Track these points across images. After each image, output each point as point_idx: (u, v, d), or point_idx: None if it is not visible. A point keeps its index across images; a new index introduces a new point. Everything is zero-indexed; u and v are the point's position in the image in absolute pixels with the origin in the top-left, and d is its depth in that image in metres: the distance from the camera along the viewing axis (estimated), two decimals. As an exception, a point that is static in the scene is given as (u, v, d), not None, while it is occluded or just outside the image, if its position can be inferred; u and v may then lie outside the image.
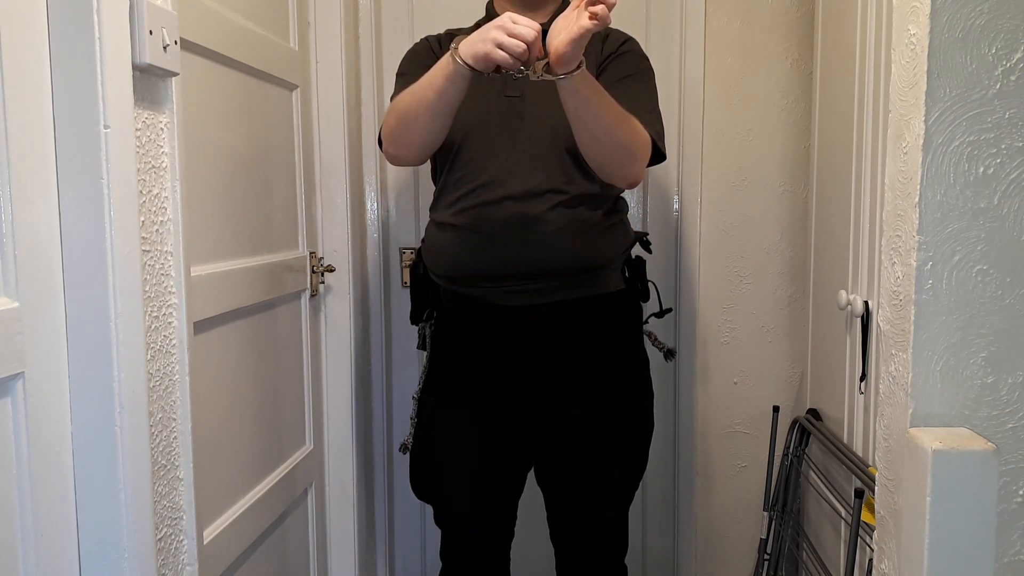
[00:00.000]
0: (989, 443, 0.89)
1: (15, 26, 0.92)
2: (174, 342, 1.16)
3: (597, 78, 1.46)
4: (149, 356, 1.08)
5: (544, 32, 1.58)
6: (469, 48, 1.23)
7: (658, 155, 1.45)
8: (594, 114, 1.29)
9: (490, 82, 1.48)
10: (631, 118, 1.36)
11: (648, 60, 1.54)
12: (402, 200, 2.15)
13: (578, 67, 1.21)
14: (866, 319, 1.48)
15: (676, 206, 2.10)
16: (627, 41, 1.54)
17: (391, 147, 1.45)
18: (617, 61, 1.50)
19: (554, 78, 1.23)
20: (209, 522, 1.36)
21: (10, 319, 0.91)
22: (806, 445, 1.84)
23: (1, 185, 0.90)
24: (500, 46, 1.19)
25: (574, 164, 1.44)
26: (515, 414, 1.50)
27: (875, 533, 1.04)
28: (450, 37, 1.59)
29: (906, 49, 0.92)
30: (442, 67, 1.28)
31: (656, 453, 1.62)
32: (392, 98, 1.52)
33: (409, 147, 1.42)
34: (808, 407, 1.91)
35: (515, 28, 1.18)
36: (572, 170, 1.44)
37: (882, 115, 1.40)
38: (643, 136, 1.39)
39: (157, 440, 1.11)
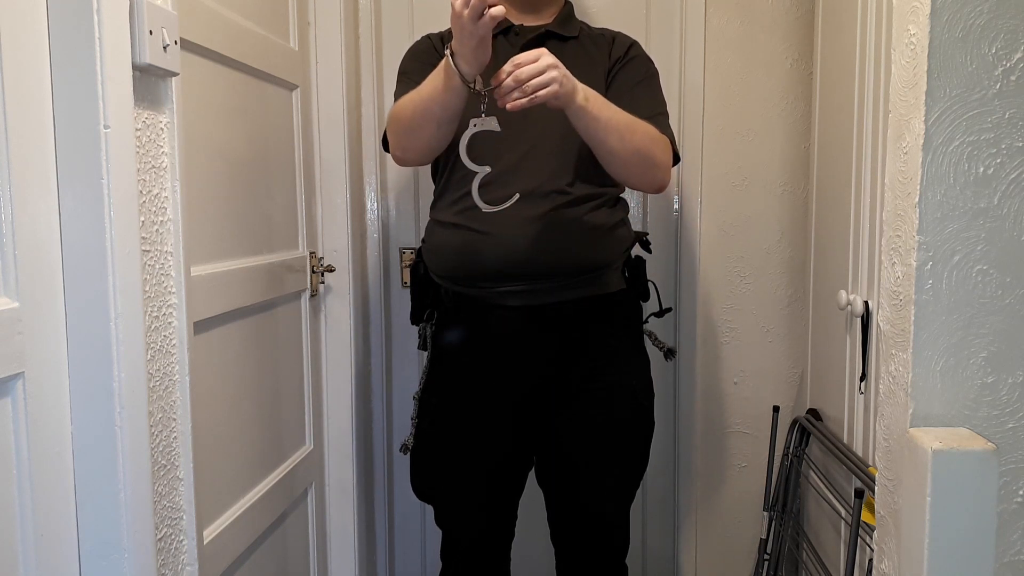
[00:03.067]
0: (989, 443, 0.89)
1: (15, 26, 0.92)
2: (174, 342, 1.16)
3: (608, 86, 1.48)
4: (149, 356, 1.08)
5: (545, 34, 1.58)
6: (459, 47, 1.24)
7: (673, 157, 1.49)
8: (603, 130, 1.33)
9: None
10: (645, 125, 1.40)
11: (653, 63, 1.56)
12: (402, 200, 2.15)
13: (573, 94, 1.25)
14: (866, 319, 1.48)
15: (676, 206, 2.10)
16: (632, 45, 1.56)
17: (398, 151, 1.47)
18: (625, 69, 1.52)
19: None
20: (209, 522, 1.36)
21: (10, 319, 0.91)
22: (806, 445, 1.84)
23: (1, 185, 0.90)
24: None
25: (577, 164, 1.45)
26: (516, 414, 1.50)
27: (875, 533, 1.04)
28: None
29: (906, 49, 0.93)
30: (441, 77, 1.29)
31: (656, 453, 1.62)
32: (395, 96, 1.53)
33: (417, 152, 1.45)
34: (808, 407, 1.91)
35: None
36: (575, 170, 1.44)
37: (882, 115, 1.41)
38: (661, 140, 1.43)
39: (157, 440, 1.11)
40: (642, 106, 1.46)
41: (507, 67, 1.23)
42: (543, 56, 1.23)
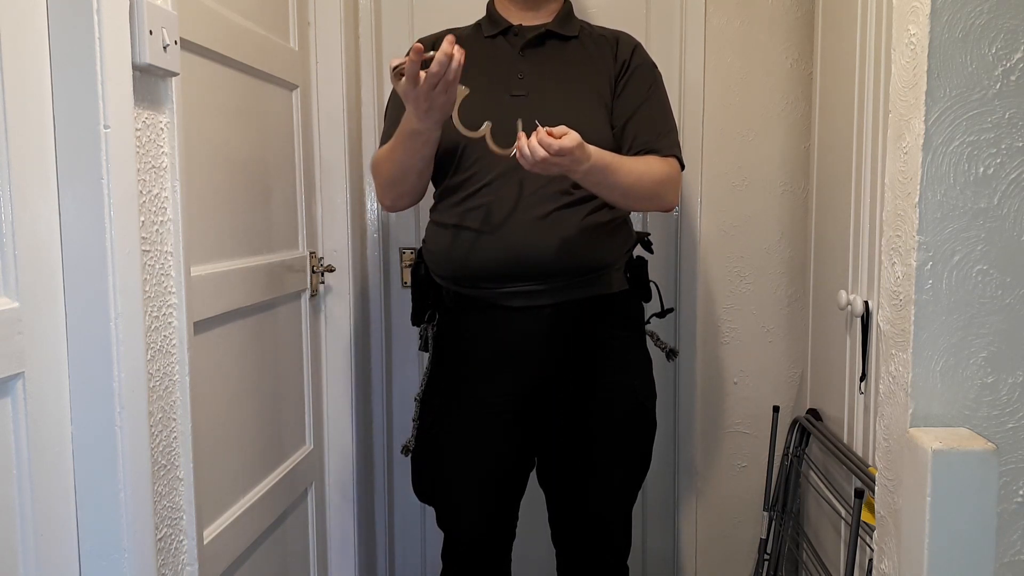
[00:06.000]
0: (989, 443, 0.89)
1: (15, 26, 0.92)
2: (174, 342, 1.16)
3: (615, 99, 1.51)
4: (149, 356, 1.08)
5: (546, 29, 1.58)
6: (409, 112, 1.32)
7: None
8: (609, 188, 1.37)
9: (495, 82, 1.49)
10: (649, 166, 1.42)
11: (657, 68, 1.56)
12: (402, 200, 2.15)
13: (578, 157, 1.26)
14: (866, 319, 1.48)
15: (676, 206, 2.09)
16: (636, 48, 1.56)
17: (388, 203, 1.55)
18: (631, 81, 1.52)
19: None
20: (209, 522, 1.36)
21: (10, 319, 0.91)
22: (806, 445, 1.84)
23: (1, 185, 0.90)
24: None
25: None
26: (517, 415, 1.50)
27: (875, 533, 1.04)
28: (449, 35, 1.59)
29: (906, 49, 0.93)
30: (405, 127, 1.36)
31: (656, 453, 1.62)
32: (386, 109, 1.58)
33: (407, 197, 1.52)
34: (808, 407, 1.91)
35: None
36: None
37: (882, 115, 1.41)
38: (668, 173, 1.46)
39: (157, 440, 1.11)
40: (649, 127, 1.48)
41: (537, 140, 1.22)
42: (568, 146, 1.22)
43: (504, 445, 1.51)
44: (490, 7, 1.60)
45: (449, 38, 1.22)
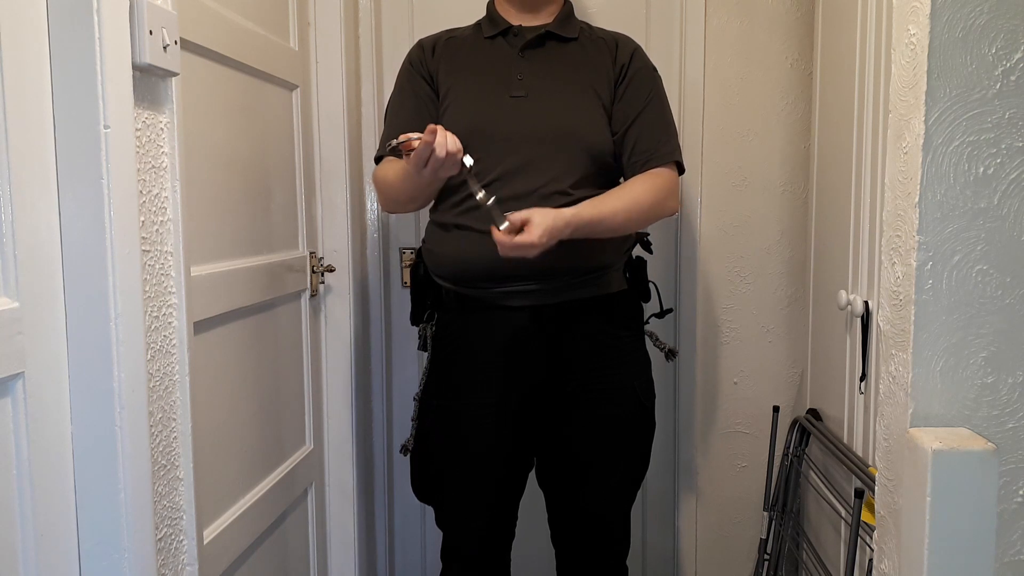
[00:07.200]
0: (989, 443, 0.89)
1: (15, 26, 0.92)
2: (174, 342, 1.16)
3: (615, 103, 1.51)
4: (149, 356, 1.08)
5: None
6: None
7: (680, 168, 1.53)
8: (601, 234, 1.41)
9: (495, 83, 1.49)
10: (635, 197, 1.45)
11: (656, 71, 1.56)
12: (402, 200, 2.15)
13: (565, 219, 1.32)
14: (866, 319, 1.48)
15: (678, 210, 2.09)
16: (635, 53, 1.56)
17: (390, 211, 1.68)
18: (630, 89, 1.52)
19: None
20: (209, 522, 1.36)
21: (10, 319, 0.91)
22: (806, 445, 1.84)
23: (1, 185, 0.90)
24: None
25: (578, 165, 1.45)
26: (517, 415, 1.50)
27: (875, 533, 1.04)
28: (449, 36, 1.59)
29: (906, 49, 0.93)
30: (410, 171, 1.35)
31: (656, 453, 1.62)
32: (387, 106, 1.58)
33: (407, 210, 1.60)
34: (808, 407, 1.91)
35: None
36: (576, 171, 1.45)
37: (882, 115, 1.41)
38: (660, 188, 1.48)
39: (157, 440, 1.11)
40: (649, 135, 1.49)
41: (502, 239, 1.27)
42: (533, 242, 1.27)
43: (503, 445, 1.51)
44: (490, 8, 1.60)
45: (429, 128, 1.23)
